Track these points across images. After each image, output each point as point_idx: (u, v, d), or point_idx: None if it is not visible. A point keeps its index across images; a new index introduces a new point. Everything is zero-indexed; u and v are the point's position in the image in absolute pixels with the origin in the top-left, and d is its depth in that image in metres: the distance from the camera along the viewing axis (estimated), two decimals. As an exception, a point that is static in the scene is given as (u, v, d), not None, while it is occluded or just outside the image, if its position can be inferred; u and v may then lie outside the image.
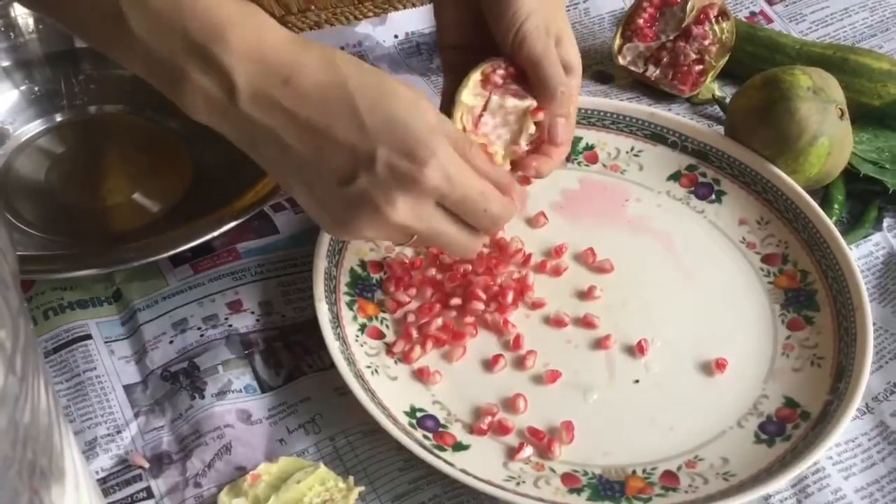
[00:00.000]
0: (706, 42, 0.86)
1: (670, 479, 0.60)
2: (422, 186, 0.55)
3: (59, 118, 0.80)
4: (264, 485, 0.58)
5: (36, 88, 0.80)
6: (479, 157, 0.59)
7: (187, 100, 0.54)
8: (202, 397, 0.64)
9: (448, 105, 0.62)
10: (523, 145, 0.64)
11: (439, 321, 0.67)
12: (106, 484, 0.60)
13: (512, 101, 0.62)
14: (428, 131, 0.55)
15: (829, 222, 0.71)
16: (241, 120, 0.55)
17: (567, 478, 0.60)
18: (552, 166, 0.65)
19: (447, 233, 0.59)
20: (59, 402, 0.48)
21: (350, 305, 0.67)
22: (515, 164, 0.64)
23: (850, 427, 0.63)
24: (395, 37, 0.91)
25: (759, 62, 0.85)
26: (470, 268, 0.69)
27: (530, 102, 0.62)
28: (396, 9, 0.93)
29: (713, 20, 0.86)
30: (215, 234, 0.66)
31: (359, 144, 0.54)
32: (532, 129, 0.63)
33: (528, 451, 0.61)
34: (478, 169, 0.58)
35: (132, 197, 0.75)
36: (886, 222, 0.77)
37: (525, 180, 0.77)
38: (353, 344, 0.65)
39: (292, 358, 0.67)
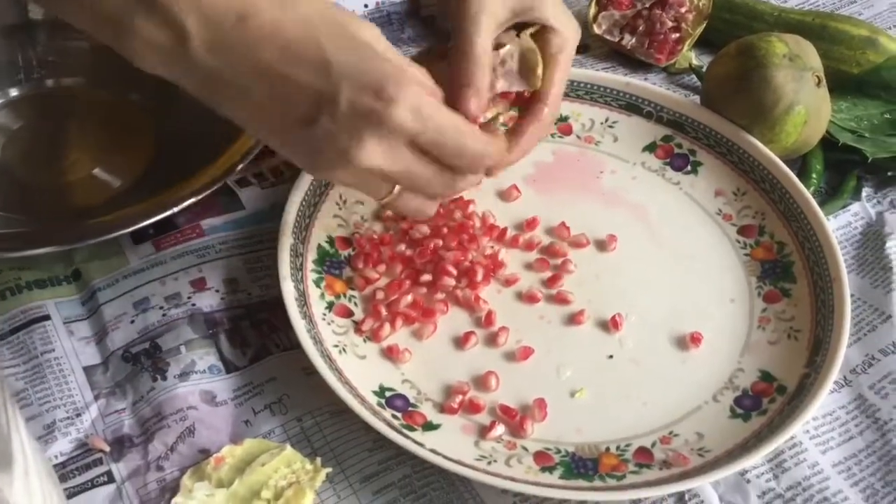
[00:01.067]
0: (683, 10, 0.84)
1: (644, 456, 0.59)
2: (390, 124, 0.52)
3: (15, 92, 0.78)
4: (228, 467, 0.57)
5: (-10, 62, 0.78)
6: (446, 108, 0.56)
7: (137, 52, 0.52)
8: (164, 379, 0.62)
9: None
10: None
11: (409, 298, 0.66)
12: (65, 468, 0.58)
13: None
14: (396, 68, 0.52)
15: (807, 192, 0.70)
16: (196, 67, 0.52)
17: (539, 456, 0.59)
18: (543, 131, 0.63)
19: (425, 175, 0.55)
20: (5, 386, 0.46)
21: (317, 283, 0.66)
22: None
23: (827, 400, 0.62)
24: (366, 6, 0.89)
25: (736, 30, 0.83)
26: (441, 243, 0.68)
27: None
28: (366, -22, 0.91)
29: (689, -13, 0.84)
30: (177, 209, 0.64)
31: (321, 83, 0.51)
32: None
33: (499, 429, 0.60)
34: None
35: (93, 172, 0.73)
36: (865, 192, 0.75)
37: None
38: (320, 322, 0.63)
39: (259, 337, 0.65)
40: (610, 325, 0.65)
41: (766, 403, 0.61)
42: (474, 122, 0.58)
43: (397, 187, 0.56)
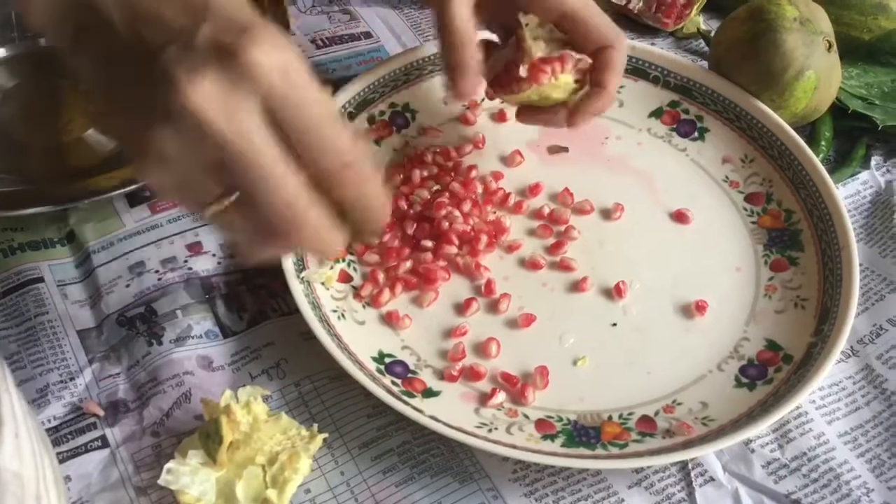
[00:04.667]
0: (691, -27, 0.83)
1: (647, 425, 0.58)
2: (245, 66, 0.40)
3: (9, 51, 0.76)
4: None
5: (-16, 20, 0.76)
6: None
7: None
8: (160, 343, 0.61)
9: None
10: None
11: (408, 264, 0.64)
12: (58, 432, 0.57)
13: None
14: (280, 33, 0.42)
15: (816, 160, 0.69)
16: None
17: (541, 424, 0.58)
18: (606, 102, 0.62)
19: (264, 154, 0.41)
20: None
21: (316, 247, 0.64)
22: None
23: (833, 370, 0.61)
24: None
25: (745, -7, 0.81)
26: (443, 213, 0.66)
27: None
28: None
29: (698, -51, 0.82)
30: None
31: (186, 19, 0.42)
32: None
33: (500, 396, 0.59)
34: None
35: (88, 133, 0.72)
36: (874, 160, 0.74)
37: (500, 117, 0.74)
38: (318, 287, 0.62)
39: (256, 302, 0.64)
40: (614, 292, 0.64)
41: (771, 373, 0.60)
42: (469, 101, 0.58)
43: (233, 196, 0.43)
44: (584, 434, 0.57)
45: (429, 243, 0.65)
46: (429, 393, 0.59)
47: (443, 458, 0.57)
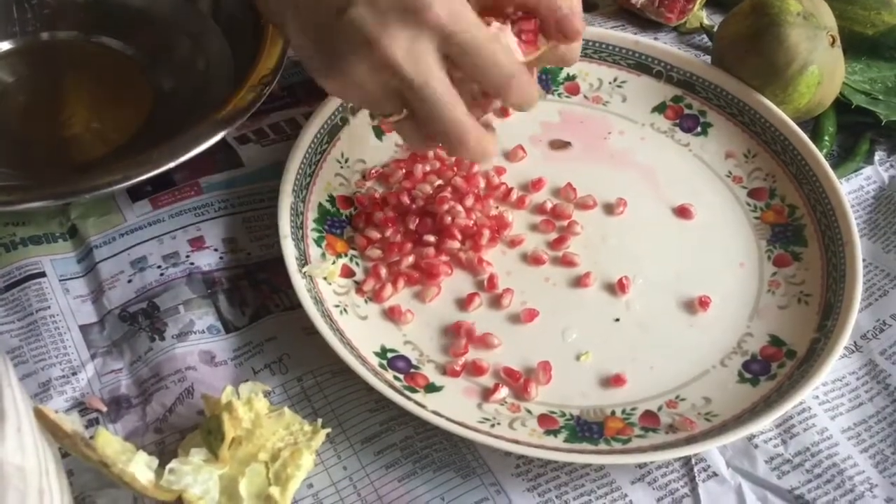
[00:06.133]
0: (694, -33, 0.82)
1: (650, 420, 0.58)
2: (424, 18, 0.52)
3: (9, 45, 0.76)
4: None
5: (-16, 14, 0.76)
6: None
7: None
8: (162, 339, 0.61)
9: None
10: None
11: (410, 259, 0.64)
12: (61, 428, 0.57)
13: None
14: None
15: (819, 155, 0.68)
16: None
17: (544, 419, 0.58)
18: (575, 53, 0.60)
19: (441, 89, 0.53)
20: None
21: (318, 242, 0.64)
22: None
23: (837, 366, 0.61)
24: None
25: (748, -12, 0.81)
26: (446, 207, 0.66)
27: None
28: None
29: (701, -56, 0.82)
30: (174, 163, 0.62)
31: None
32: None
33: (503, 392, 0.59)
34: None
35: (89, 127, 0.72)
36: (878, 156, 0.74)
37: (503, 112, 0.74)
38: (320, 282, 0.62)
39: (258, 297, 0.64)
40: (616, 287, 0.64)
41: (774, 368, 0.60)
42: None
43: (405, 112, 0.55)
44: (587, 429, 0.57)
45: (431, 238, 0.65)
46: (431, 388, 0.59)
47: (445, 452, 0.57)
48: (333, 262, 0.63)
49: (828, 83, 0.71)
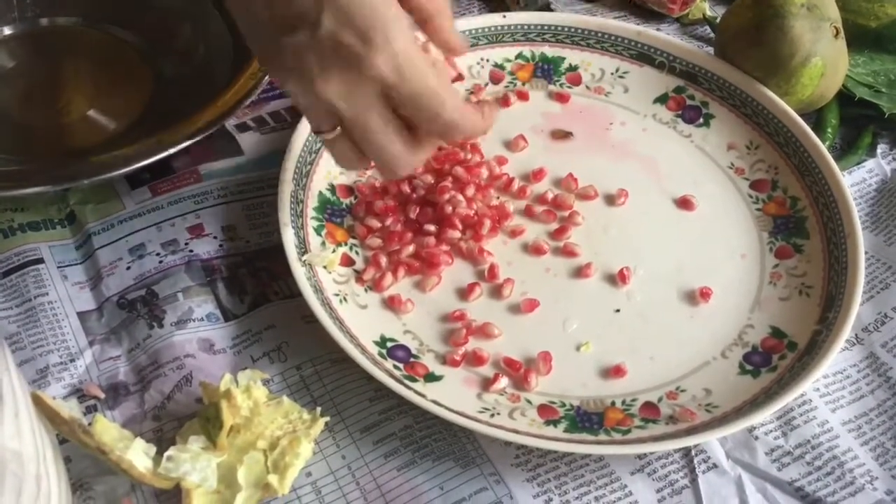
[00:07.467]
0: (697, -42, 0.82)
1: (650, 411, 0.58)
2: (365, 70, 0.50)
3: (8, 31, 0.75)
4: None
5: (-17, 0, 0.76)
6: (442, 67, 0.54)
7: None
8: (161, 326, 0.60)
9: None
10: None
11: (410, 248, 0.64)
12: (58, 414, 0.56)
13: None
14: (392, 17, 0.50)
15: (822, 146, 0.68)
16: None
17: (543, 409, 0.58)
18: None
19: (377, 131, 0.52)
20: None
21: (318, 231, 0.64)
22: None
23: (838, 358, 0.61)
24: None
25: (752, -20, 0.81)
26: (447, 197, 0.66)
27: None
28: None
29: (705, -66, 0.82)
30: (173, 150, 0.62)
31: (309, 2, 0.50)
32: None
33: (503, 382, 0.59)
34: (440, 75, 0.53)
35: (88, 114, 0.71)
36: (881, 148, 0.74)
37: (504, 102, 0.74)
38: (320, 271, 0.62)
39: (257, 285, 0.63)
40: (617, 278, 0.64)
41: (776, 360, 0.60)
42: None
43: (339, 129, 0.53)
44: (586, 420, 0.57)
45: (432, 227, 0.65)
46: (431, 377, 0.58)
47: (445, 442, 0.57)
48: (333, 251, 0.63)
49: (831, 75, 0.71)
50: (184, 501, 0.51)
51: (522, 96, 0.74)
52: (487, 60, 0.75)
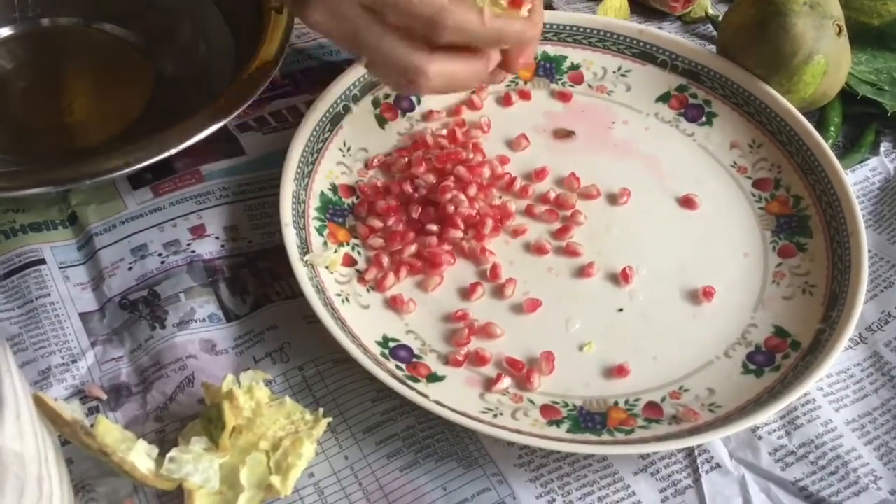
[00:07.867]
0: (699, -44, 0.82)
1: (653, 411, 0.58)
2: None
3: (9, 31, 0.75)
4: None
5: (-16, 0, 0.76)
6: None
7: None
8: (163, 327, 0.60)
9: None
10: None
11: (412, 248, 0.64)
12: (60, 416, 0.56)
13: None
14: None
15: (825, 145, 0.68)
16: None
17: (546, 409, 0.57)
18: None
19: (372, 41, 0.54)
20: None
21: (320, 231, 0.64)
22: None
23: (841, 357, 0.61)
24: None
25: (754, -22, 0.80)
26: (449, 196, 0.65)
27: None
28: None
29: (707, -68, 0.82)
30: (175, 150, 0.61)
31: None
32: None
33: (506, 382, 0.58)
34: None
35: (89, 114, 0.71)
36: (884, 146, 0.74)
37: (506, 101, 0.73)
38: (322, 271, 0.62)
39: (259, 285, 0.63)
40: (620, 278, 0.64)
41: (779, 359, 0.60)
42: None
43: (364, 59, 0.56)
44: (589, 420, 0.57)
45: (434, 227, 0.65)
46: (433, 378, 0.58)
47: (447, 442, 0.57)
48: (335, 251, 0.63)
49: (834, 73, 0.71)
50: (186, 503, 0.51)
51: (524, 95, 0.74)
52: (489, 59, 0.75)
